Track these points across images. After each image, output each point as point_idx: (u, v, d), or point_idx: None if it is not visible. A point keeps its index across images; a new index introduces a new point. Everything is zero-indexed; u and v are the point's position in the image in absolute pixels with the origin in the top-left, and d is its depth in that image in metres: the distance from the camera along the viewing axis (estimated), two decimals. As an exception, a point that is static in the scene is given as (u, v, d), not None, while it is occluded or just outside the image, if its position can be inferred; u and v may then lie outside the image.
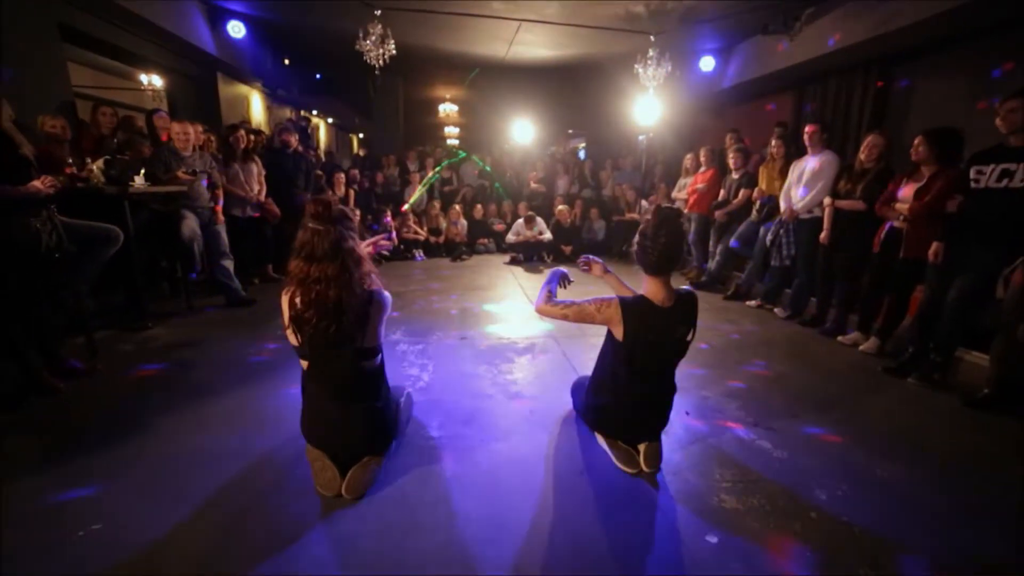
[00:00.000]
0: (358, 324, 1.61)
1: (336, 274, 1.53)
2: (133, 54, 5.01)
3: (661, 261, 1.72)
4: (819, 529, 1.59)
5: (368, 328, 1.65)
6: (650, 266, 1.75)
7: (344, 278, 1.54)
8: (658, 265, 1.73)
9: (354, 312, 1.58)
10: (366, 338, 1.65)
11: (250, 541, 1.48)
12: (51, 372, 2.43)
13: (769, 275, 4.22)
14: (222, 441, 2.02)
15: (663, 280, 1.76)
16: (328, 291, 1.52)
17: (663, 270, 1.74)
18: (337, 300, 1.53)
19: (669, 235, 1.70)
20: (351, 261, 1.56)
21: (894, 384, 2.79)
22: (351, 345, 1.63)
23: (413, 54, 6.44)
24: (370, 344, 1.66)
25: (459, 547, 1.48)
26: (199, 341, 3.15)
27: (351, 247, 1.57)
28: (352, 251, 1.57)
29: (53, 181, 2.32)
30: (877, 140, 3.36)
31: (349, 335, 1.61)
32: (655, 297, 1.76)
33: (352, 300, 1.56)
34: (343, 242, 1.54)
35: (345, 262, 1.54)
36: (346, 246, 1.55)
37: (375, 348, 1.71)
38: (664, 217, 1.72)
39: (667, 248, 1.70)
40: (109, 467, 1.83)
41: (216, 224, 3.87)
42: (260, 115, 7.49)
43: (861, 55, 4.40)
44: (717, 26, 5.18)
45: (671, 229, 1.70)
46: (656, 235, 1.70)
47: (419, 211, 7.06)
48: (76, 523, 1.53)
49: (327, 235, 1.52)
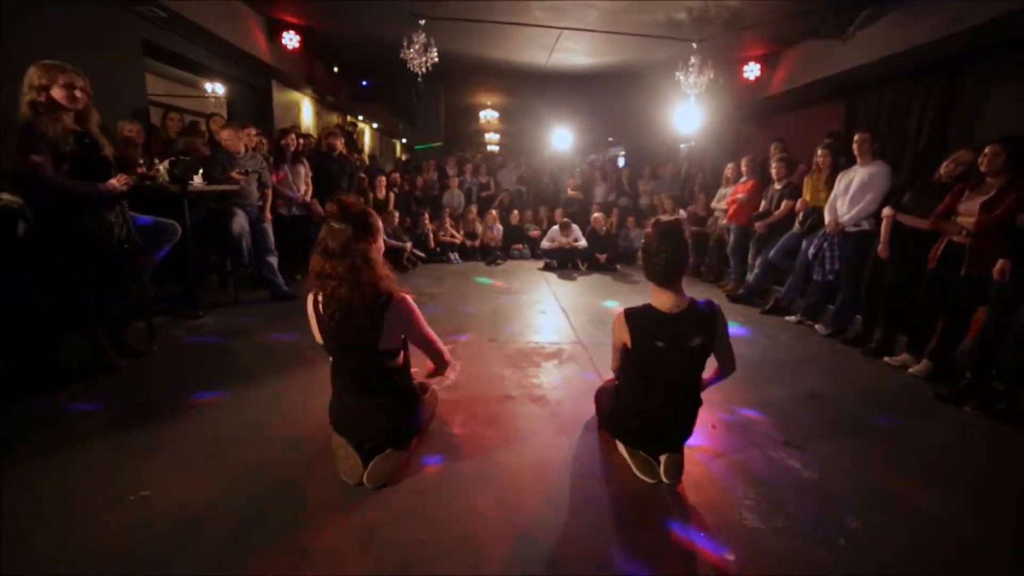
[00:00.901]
0: (372, 325, 1.62)
1: (345, 272, 1.57)
2: (201, 65, 5.43)
3: (665, 273, 1.76)
4: (847, 559, 1.51)
5: (383, 331, 1.64)
6: (656, 278, 1.79)
7: (352, 277, 1.57)
8: (664, 277, 1.77)
9: (365, 312, 1.59)
10: (381, 340, 1.65)
11: (275, 519, 1.57)
12: (116, 352, 2.67)
13: (811, 290, 4.03)
14: (257, 423, 2.15)
15: (671, 290, 1.78)
16: (340, 288, 1.57)
17: (668, 282, 1.78)
18: (348, 298, 1.57)
19: (671, 248, 1.73)
20: (360, 260, 1.57)
21: (947, 412, 2.60)
22: (367, 345, 1.65)
23: (455, 62, 6.61)
24: (387, 347, 1.68)
25: (471, 543, 1.51)
26: (243, 331, 3.35)
27: (362, 248, 1.58)
28: (363, 252, 1.58)
29: (127, 179, 2.56)
30: (966, 156, 3.03)
31: (364, 335, 1.63)
32: (662, 305, 1.78)
33: (361, 300, 1.59)
34: (353, 242, 1.56)
35: (355, 261, 1.57)
36: (356, 246, 1.56)
37: (394, 350, 1.72)
38: (663, 231, 1.76)
39: (669, 262, 1.74)
40: (159, 440, 1.99)
41: (263, 221, 4.12)
42: (310, 120, 7.90)
43: (923, 59, 4.14)
44: (763, 31, 5.03)
45: (671, 242, 1.74)
46: (658, 249, 1.74)
47: (456, 215, 7.21)
48: (129, 487, 1.68)
49: (341, 233, 1.56)
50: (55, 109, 2.26)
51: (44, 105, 2.24)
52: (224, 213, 3.90)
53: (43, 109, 2.24)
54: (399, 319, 1.68)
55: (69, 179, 2.31)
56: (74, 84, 2.27)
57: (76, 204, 2.36)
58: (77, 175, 2.33)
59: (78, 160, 2.32)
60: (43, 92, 2.23)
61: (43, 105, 2.24)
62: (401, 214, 6.59)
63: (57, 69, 2.26)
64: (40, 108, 2.23)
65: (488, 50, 6.47)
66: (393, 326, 1.67)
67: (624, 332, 1.80)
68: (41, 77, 2.23)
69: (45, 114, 2.24)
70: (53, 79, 2.24)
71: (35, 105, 2.23)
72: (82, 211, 2.38)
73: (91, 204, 2.41)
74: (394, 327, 1.68)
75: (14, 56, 2.55)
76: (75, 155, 2.31)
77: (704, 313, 1.77)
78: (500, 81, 8.46)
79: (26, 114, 2.23)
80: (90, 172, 2.38)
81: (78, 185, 2.33)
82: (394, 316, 1.66)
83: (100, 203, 2.44)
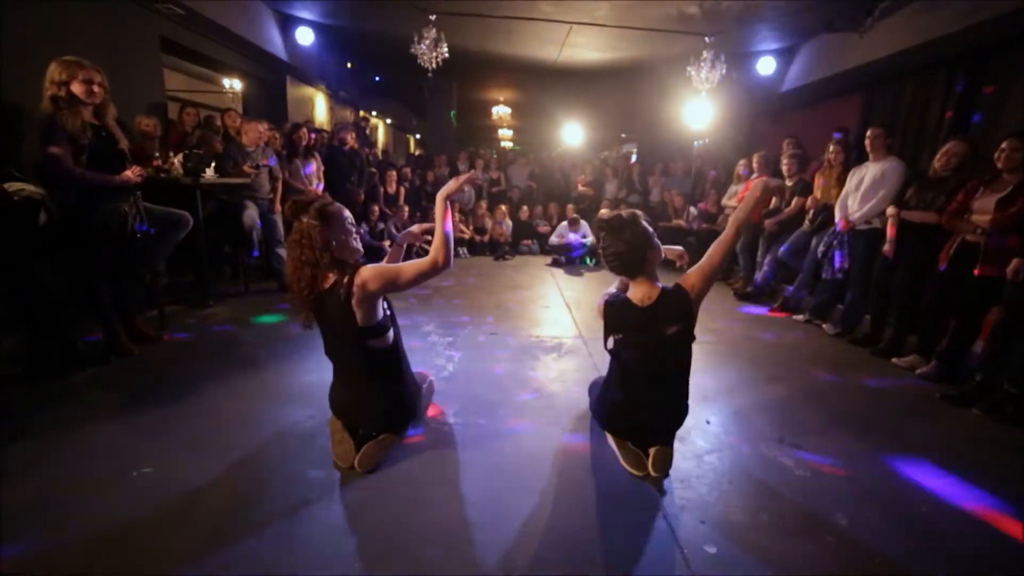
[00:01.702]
0: (343, 303, 1.66)
1: (299, 257, 1.69)
2: (218, 61, 5.56)
3: (621, 267, 1.80)
4: (833, 554, 1.50)
5: (354, 306, 1.66)
6: (616, 272, 1.84)
7: (310, 258, 1.67)
8: (620, 270, 1.82)
9: (333, 296, 1.68)
10: (359, 317, 1.68)
11: (269, 500, 1.62)
12: (129, 337, 2.78)
13: (820, 288, 3.96)
14: (258, 408, 2.22)
15: (640, 282, 1.80)
16: (304, 270, 1.69)
17: (629, 274, 1.81)
18: (312, 280, 1.68)
19: (616, 242, 1.77)
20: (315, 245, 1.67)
21: (953, 413, 2.53)
22: (346, 324, 1.69)
23: (466, 57, 6.64)
24: (366, 323, 1.70)
25: (456, 526, 1.54)
26: (251, 319, 3.44)
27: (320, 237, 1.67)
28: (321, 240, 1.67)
29: (141, 171, 2.65)
30: (957, 148, 3.01)
31: (339, 316, 1.69)
32: (634, 296, 1.80)
33: (324, 284, 1.69)
34: (312, 231, 1.67)
35: (312, 247, 1.67)
36: (313, 234, 1.67)
37: (376, 327, 1.74)
38: (607, 227, 1.80)
39: (618, 256, 1.78)
40: (165, 421, 2.08)
41: (274, 213, 4.21)
42: (323, 115, 8.01)
43: (943, 52, 4.01)
44: (777, 25, 4.94)
45: (615, 236, 1.77)
46: (605, 245, 1.80)
47: (466, 210, 7.25)
48: (133, 464, 1.76)
49: (300, 225, 1.70)
50: (74, 103, 2.36)
51: (64, 100, 2.34)
52: (236, 205, 4.00)
53: (63, 103, 2.34)
54: (362, 287, 1.65)
55: (87, 171, 2.41)
56: (92, 79, 2.37)
57: (93, 195, 2.46)
58: (94, 167, 2.43)
59: (95, 152, 2.42)
60: (63, 87, 2.34)
61: (63, 100, 2.34)
62: (411, 209, 6.65)
63: (76, 65, 2.36)
64: (60, 102, 2.34)
65: (498, 46, 6.48)
66: (363, 298, 1.66)
67: (603, 321, 1.84)
68: (62, 73, 2.33)
69: (65, 108, 2.34)
70: (73, 75, 2.34)
71: (56, 99, 2.34)
72: (98, 201, 2.48)
73: (106, 195, 2.51)
74: (364, 298, 1.66)
75: (37, 53, 2.65)
76: (92, 147, 2.41)
77: (676, 299, 1.76)
78: (511, 77, 8.47)
79: (47, 108, 2.34)
80: (106, 164, 2.48)
81: (95, 176, 2.43)
82: (359, 287, 1.65)
83: (115, 194, 2.54)
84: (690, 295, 1.75)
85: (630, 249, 1.76)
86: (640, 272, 1.79)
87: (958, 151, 3.00)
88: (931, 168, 3.16)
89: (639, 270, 1.79)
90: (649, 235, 1.80)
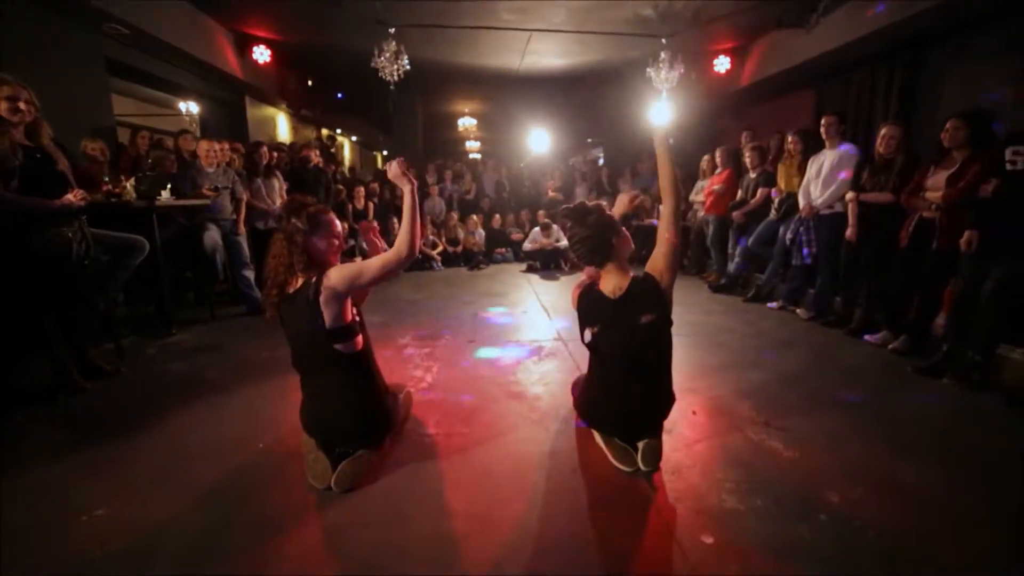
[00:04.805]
0: (310, 304, 1.62)
1: (280, 252, 1.69)
2: (169, 82, 5.38)
3: (589, 254, 1.79)
4: (828, 532, 1.48)
5: (321, 305, 1.62)
6: (585, 261, 1.83)
7: (285, 260, 1.68)
8: (589, 257, 1.80)
9: (300, 296, 1.65)
10: (327, 317, 1.63)
11: (242, 529, 1.50)
12: (80, 372, 2.58)
13: (791, 275, 4.05)
14: (228, 435, 2.08)
15: (611, 271, 1.79)
16: (279, 270, 1.69)
17: (598, 262, 1.80)
18: (283, 283, 1.68)
19: (583, 228, 1.77)
20: (294, 247, 1.67)
21: (926, 384, 2.60)
22: (313, 325, 1.64)
23: (429, 70, 6.63)
24: (333, 324, 1.64)
25: (443, 541, 1.46)
26: (218, 346, 3.28)
27: (302, 241, 1.67)
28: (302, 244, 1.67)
29: (84, 194, 2.48)
30: (893, 131, 3.23)
31: (306, 316, 1.64)
32: (605, 287, 1.78)
33: (293, 286, 1.67)
34: (295, 234, 1.67)
35: (290, 249, 1.68)
36: (296, 237, 1.67)
37: (344, 329, 1.68)
38: (572, 214, 1.81)
39: (585, 241, 1.77)
40: (123, 457, 1.92)
41: (238, 235, 4.05)
42: (286, 135, 7.86)
43: (884, 42, 4.22)
44: (729, 24, 5.11)
45: (581, 223, 1.78)
46: (572, 235, 1.80)
47: (437, 222, 7.17)
48: (83, 507, 1.60)
49: (288, 225, 1.69)
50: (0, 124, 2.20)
51: None
52: (196, 228, 3.83)
53: None
54: (330, 286, 1.62)
55: (19, 196, 2.23)
56: (17, 96, 2.21)
57: (29, 221, 2.29)
58: (28, 191, 2.25)
59: (29, 175, 2.25)
60: None
61: None
62: (382, 223, 6.54)
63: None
64: None
65: (460, 56, 6.50)
66: (330, 297, 1.62)
67: (578, 314, 1.83)
68: None
69: None
70: None
71: None
72: (36, 227, 2.30)
73: (46, 220, 2.34)
74: (331, 298, 1.63)
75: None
76: (25, 170, 2.24)
77: (646, 287, 1.73)
78: (475, 87, 8.50)
79: None
80: (43, 187, 2.31)
81: (28, 201, 2.25)
82: (326, 287, 1.62)
83: (56, 219, 2.37)
84: (658, 281, 1.73)
85: (594, 234, 1.77)
86: (608, 259, 1.78)
87: (895, 133, 3.23)
88: (876, 153, 3.33)
89: (607, 256, 1.78)
90: (613, 221, 1.82)
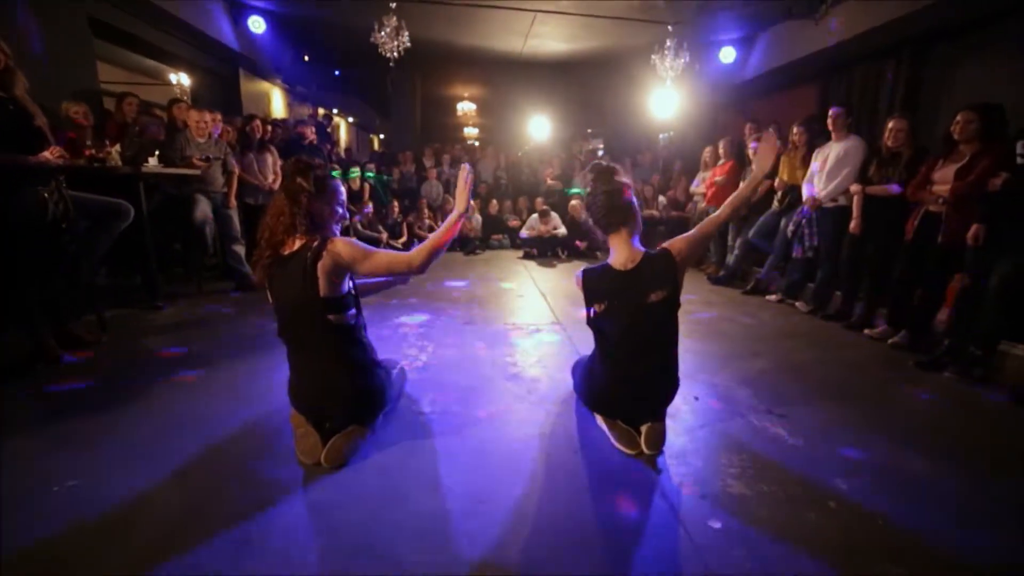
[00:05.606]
0: (306, 270, 1.54)
1: (281, 210, 1.59)
2: (159, 49, 5.16)
3: (607, 214, 1.72)
4: (837, 519, 1.44)
5: (319, 274, 1.55)
6: (601, 223, 1.75)
7: (286, 220, 1.58)
8: (606, 219, 1.73)
9: (296, 259, 1.57)
10: (322, 286, 1.56)
11: (225, 504, 1.43)
12: (59, 343, 2.47)
13: (791, 268, 4.02)
14: (212, 409, 1.99)
15: (622, 238, 1.72)
16: (276, 228, 1.59)
17: (614, 225, 1.73)
18: (280, 242, 1.59)
19: (606, 185, 1.72)
20: (297, 207, 1.58)
21: (928, 379, 2.57)
22: (306, 294, 1.56)
23: (429, 49, 6.48)
24: (328, 294, 1.57)
25: (437, 519, 1.39)
26: (205, 320, 3.17)
27: (307, 201, 1.59)
28: (306, 205, 1.59)
29: (62, 152, 2.35)
30: (900, 123, 3.18)
31: (299, 282, 1.55)
32: (616, 261, 1.72)
33: (289, 247, 1.59)
34: (300, 194, 1.58)
35: (293, 209, 1.58)
36: (300, 196, 1.58)
37: (339, 299, 1.61)
38: (599, 172, 1.76)
39: (611, 195, 1.71)
40: (100, 430, 1.82)
41: (228, 208, 3.92)
42: (281, 112, 7.65)
43: (893, 37, 4.17)
44: (738, 13, 5.03)
45: (607, 182, 1.73)
46: (595, 191, 1.74)
47: (434, 207, 7.06)
48: (55, 479, 1.51)
49: (293, 184, 1.60)
50: None
51: None
52: (186, 199, 3.69)
53: None
54: (335, 253, 1.56)
55: None
56: None
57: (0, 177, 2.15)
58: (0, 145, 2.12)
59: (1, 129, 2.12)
60: None
61: None
62: (376, 205, 6.42)
63: None
64: None
65: (462, 36, 6.35)
66: (331, 267, 1.55)
67: (583, 293, 1.75)
68: None
69: None
70: None
71: None
72: (9, 186, 2.17)
73: (19, 178, 2.20)
74: (331, 268, 1.56)
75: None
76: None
77: (660, 263, 1.68)
78: (476, 70, 8.35)
79: None
80: (16, 142, 2.17)
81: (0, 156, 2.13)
82: (331, 253, 1.56)
83: (31, 177, 2.24)
84: (676, 258, 1.67)
85: (616, 190, 1.71)
86: (622, 224, 1.71)
87: (901, 126, 3.19)
88: (883, 147, 3.29)
89: (622, 218, 1.71)
90: (629, 199, 1.76)
